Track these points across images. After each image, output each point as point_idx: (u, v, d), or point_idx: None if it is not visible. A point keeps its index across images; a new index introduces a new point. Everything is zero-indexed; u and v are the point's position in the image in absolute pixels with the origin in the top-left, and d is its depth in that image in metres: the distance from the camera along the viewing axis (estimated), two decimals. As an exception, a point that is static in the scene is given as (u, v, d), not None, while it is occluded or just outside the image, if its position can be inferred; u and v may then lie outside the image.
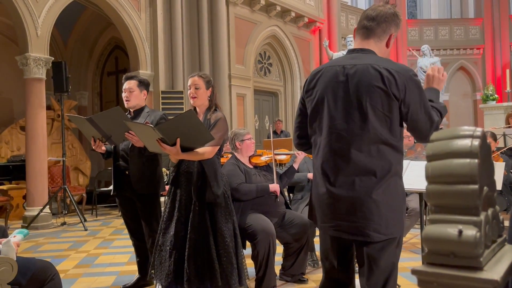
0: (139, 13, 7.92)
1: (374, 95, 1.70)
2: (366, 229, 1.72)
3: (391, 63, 1.74)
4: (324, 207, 1.81)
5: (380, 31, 1.80)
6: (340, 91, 1.77)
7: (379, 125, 1.71)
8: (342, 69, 1.78)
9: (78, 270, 4.14)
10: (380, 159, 1.72)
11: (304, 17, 10.82)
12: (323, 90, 1.81)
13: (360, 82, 1.72)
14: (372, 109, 1.70)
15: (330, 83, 1.79)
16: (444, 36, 14.80)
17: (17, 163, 7.51)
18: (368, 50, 1.80)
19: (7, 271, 2.08)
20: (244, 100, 9.38)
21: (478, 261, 0.87)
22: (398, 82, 1.69)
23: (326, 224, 1.83)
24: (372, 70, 1.71)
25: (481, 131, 0.95)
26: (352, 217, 1.73)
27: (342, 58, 1.84)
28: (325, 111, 1.80)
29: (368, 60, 1.75)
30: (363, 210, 1.71)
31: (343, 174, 1.75)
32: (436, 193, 0.94)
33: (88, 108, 10.56)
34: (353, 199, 1.72)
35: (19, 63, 6.51)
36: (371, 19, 1.79)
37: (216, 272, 2.58)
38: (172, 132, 2.42)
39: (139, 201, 3.29)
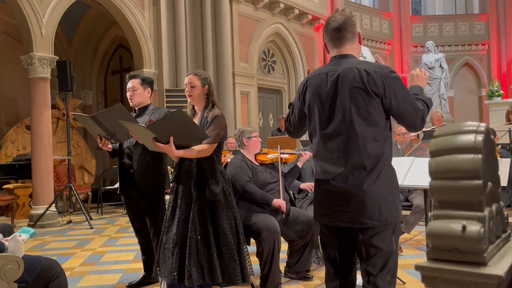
0: (143, 11, 7.93)
1: (356, 95, 1.87)
2: (360, 217, 1.86)
3: (369, 64, 1.93)
4: (323, 200, 1.98)
5: (350, 35, 1.98)
6: (326, 96, 1.94)
7: (364, 122, 1.87)
8: (325, 76, 1.96)
9: (84, 268, 4.17)
10: (369, 154, 1.87)
11: (307, 14, 10.78)
12: (311, 97, 1.99)
13: (342, 86, 1.90)
14: (356, 108, 1.87)
15: (317, 90, 1.97)
16: (448, 32, 14.70)
17: (23, 162, 7.55)
18: (347, 55, 1.97)
19: (14, 269, 2.10)
20: (248, 98, 9.37)
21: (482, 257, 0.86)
22: (376, 80, 1.85)
23: (324, 216, 1.98)
24: (352, 72, 1.88)
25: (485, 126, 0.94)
26: (347, 207, 1.89)
27: (325, 66, 2.02)
28: (316, 116, 1.98)
29: (348, 64, 1.92)
30: (357, 201, 1.86)
31: (337, 171, 1.90)
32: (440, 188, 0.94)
33: (93, 107, 10.59)
34: (347, 192, 1.88)
35: (24, 63, 6.54)
36: (338, 29, 1.97)
37: (217, 270, 2.59)
38: (164, 131, 2.43)
39: (144, 199, 3.30)
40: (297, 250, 3.49)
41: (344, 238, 1.99)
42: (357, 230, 1.92)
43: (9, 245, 2.21)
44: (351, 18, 1.98)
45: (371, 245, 1.89)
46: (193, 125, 2.46)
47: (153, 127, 2.43)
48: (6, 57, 8.92)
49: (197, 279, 2.58)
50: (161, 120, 2.52)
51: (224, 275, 2.62)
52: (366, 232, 1.89)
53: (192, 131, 2.45)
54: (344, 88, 1.89)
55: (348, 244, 1.99)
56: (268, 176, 3.44)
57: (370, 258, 1.89)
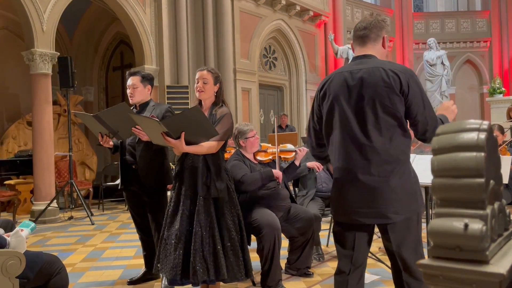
0: (144, 8, 7.92)
1: (382, 94, 1.90)
2: (386, 212, 1.90)
3: (394, 64, 1.97)
4: (345, 198, 1.99)
5: (374, 36, 2.04)
6: (350, 94, 1.97)
7: (389, 119, 1.91)
8: (349, 74, 1.98)
9: (85, 264, 4.18)
10: (393, 150, 1.91)
11: (309, 11, 10.76)
12: (334, 95, 2.01)
13: (367, 84, 1.93)
14: (381, 106, 1.90)
15: (340, 88, 1.99)
16: (450, 29, 14.66)
17: (24, 158, 7.57)
18: (370, 55, 2.02)
19: (15, 265, 2.10)
20: (249, 94, 9.37)
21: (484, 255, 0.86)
22: (402, 80, 1.89)
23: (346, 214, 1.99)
24: (377, 72, 1.92)
25: (488, 124, 0.94)
26: (373, 203, 1.92)
27: (348, 65, 2.06)
28: (339, 114, 1.99)
29: (372, 64, 1.96)
30: (383, 197, 1.90)
31: (362, 167, 1.93)
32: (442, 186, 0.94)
33: (94, 103, 10.60)
34: (372, 188, 1.91)
35: (25, 59, 6.54)
36: (363, 29, 2.04)
37: (222, 266, 2.60)
38: (177, 127, 2.45)
39: (146, 195, 3.31)
40: (297, 247, 3.49)
41: (363, 235, 2.03)
42: (383, 225, 1.96)
43: (11, 241, 2.22)
44: (379, 21, 2.06)
45: (401, 238, 1.93)
46: (206, 122, 2.47)
47: (168, 122, 2.46)
48: (7, 53, 8.91)
49: (202, 275, 2.59)
50: (177, 115, 2.54)
51: (228, 271, 2.63)
52: (394, 226, 1.93)
53: (204, 128, 2.48)
54: (369, 87, 1.92)
55: (366, 240, 2.04)
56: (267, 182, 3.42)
57: (401, 250, 1.94)
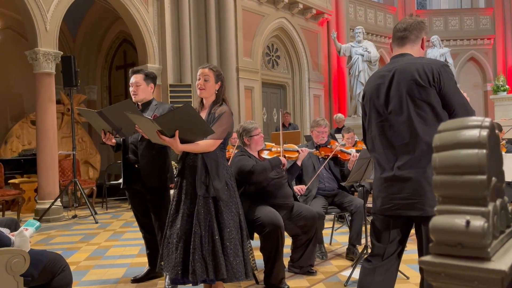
0: (146, 6, 7.93)
1: (413, 88, 1.97)
2: (423, 205, 1.94)
3: (425, 58, 2.07)
4: (383, 191, 2.05)
5: (414, 37, 2.11)
6: (383, 91, 2.06)
7: (421, 113, 1.97)
8: (385, 73, 2.08)
9: (89, 262, 4.20)
10: (427, 142, 1.95)
11: (312, 9, 10.74)
12: (370, 94, 2.13)
13: (398, 81, 2.01)
14: (411, 99, 1.97)
15: (375, 85, 2.11)
16: (454, 26, 14.59)
17: (28, 157, 7.60)
18: (405, 54, 2.10)
19: (20, 263, 2.11)
20: (252, 93, 9.36)
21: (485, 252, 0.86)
22: (434, 73, 1.96)
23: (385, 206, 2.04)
24: (408, 68, 2.00)
25: (490, 121, 0.94)
26: (412, 196, 1.96)
27: (385, 65, 2.18)
28: (374, 111, 2.10)
29: (404, 61, 2.05)
30: (418, 189, 1.94)
31: (396, 160, 2.00)
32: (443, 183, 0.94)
33: (97, 102, 10.63)
34: (408, 180, 1.96)
35: (28, 58, 6.57)
36: (403, 30, 2.11)
37: (221, 265, 2.59)
38: (170, 125, 2.43)
39: (149, 194, 3.32)
40: (301, 245, 3.49)
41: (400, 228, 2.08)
42: (419, 218, 1.99)
43: (15, 240, 2.23)
44: (420, 22, 2.13)
45: None
46: (199, 120, 2.45)
47: (160, 120, 2.43)
48: (11, 53, 8.94)
49: (201, 275, 2.58)
50: (168, 113, 2.52)
51: (228, 271, 2.62)
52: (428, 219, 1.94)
53: (198, 126, 2.45)
54: (400, 83, 1.99)
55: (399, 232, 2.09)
56: (272, 172, 3.43)
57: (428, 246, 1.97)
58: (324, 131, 4.16)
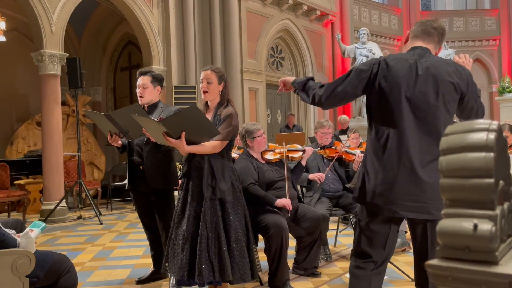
0: (151, 8, 7.95)
1: (446, 87, 1.92)
2: (431, 208, 1.89)
3: (454, 62, 2.03)
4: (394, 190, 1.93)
5: (437, 39, 2.06)
6: (414, 83, 1.93)
7: (447, 115, 1.94)
8: (414, 63, 1.96)
9: (94, 263, 4.21)
10: None
11: (316, 10, 10.74)
12: (396, 82, 1.94)
13: (433, 75, 1.93)
14: (443, 100, 1.93)
15: (404, 73, 1.94)
16: (459, 27, 14.55)
17: (34, 158, 7.64)
18: (430, 51, 2.02)
19: (26, 264, 2.12)
20: (256, 94, 9.37)
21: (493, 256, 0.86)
22: (464, 77, 1.95)
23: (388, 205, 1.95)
24: (444, 66, 1.94)
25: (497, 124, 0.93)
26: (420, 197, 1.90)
27: (407, 53, 2.02)
28: (399, 102, 1.94)
29: (436, 58, 1.99)
30: (432, 191, 1.88)
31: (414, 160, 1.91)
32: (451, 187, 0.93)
33: (102, 103, 10.66)
34: (424, 182, 1.88)
35: (34, 60, 6.60)
36: (434, 28, 2.05)
37: (227, 267, 2.59)
38: (177, 126, 2.43)
39: (153, 196, 3.32)
40: (305, 247, 3.49)
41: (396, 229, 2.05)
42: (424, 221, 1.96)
43: (21, 241, 2.24)
44: (445, 30, 2.10)
45: None
46: (206, 121, 2.45)
47: (166, 122, 2.43)
48: (16, 54, 9.00)
49: (207, 276, 2.58)
50: (175, 115, 2.52)
51: (234, 272, 2.62)
52: (434, 224, 1.91)
53: (204, 128, 2.45)
54: (435, 79, 1.92)
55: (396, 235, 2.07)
56: (274, 174, 3.43)
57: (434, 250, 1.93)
58: (328, 132, 4.16)
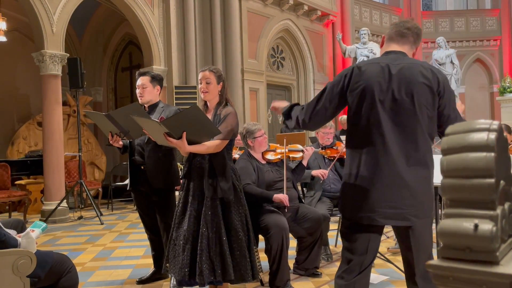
0: (152, 8, 7.96)
1: (422, 90, 1.87)
2: (409, 215, 1.86)
3: (430, 64, 1.97)
4: (369, 196, 1.89)
5: (412, 40, 2.01)
6: (387, 86, 1.89)
7: (423, 118, 1.88)
8: (386, 66, 1.91)
9: (95, 263, 4.21)
10: (424, 150, 1.88)
11: (317, 10, 10.73)
12: (368, 87, 1.90)
13: (406, 78, 1.88)
14: (419, 104, 1.87)
15: (376, 79, 1.89)
16: (460, 27, 14.52)
17: (35, 158, 7.64)
18: (405, 54, 1.97)
19: (26, 264, 2.13)
20: (257, 94, 9.36)
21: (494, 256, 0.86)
22: (440, 80, 1.89)
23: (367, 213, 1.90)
24: (418, 68, 1.89)
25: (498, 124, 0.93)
26: (398, 204, 1.86)
27: (381, 58, 1.98)
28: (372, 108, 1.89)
29: (411, 60, 1.94)
30: (410, 197, 1.85)
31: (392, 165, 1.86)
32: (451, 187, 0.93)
33: (103, 103, 10.67)
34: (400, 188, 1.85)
35: (35, 60, 6.61)
36: (407, 28, 1.99)
37: (229, 266, 2.59)
38: (178, 127, 2.43)
39: (154, 195, 3.33)
40: (306, 247, 3.49)
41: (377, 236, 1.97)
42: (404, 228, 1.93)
43: (22, 241, 2.25)
44: (420, 29, 2.04)
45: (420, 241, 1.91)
46: (207, 121, 2.45)
47: (167, 122, 2.43)
48: (17, 54, 9.01)
49: (208, 276, 2.59)
50: (176, 115, 2.52)
51: (235, 272, 2.62)
52: (413, 230, 1.90)
53: (205, 127, 2.45)
54: (409, 82, 1.87)
55: (378, 242, 2.01)
56: (274, 175, 3.43)
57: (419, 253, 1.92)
58: (329, 132, 4.16)
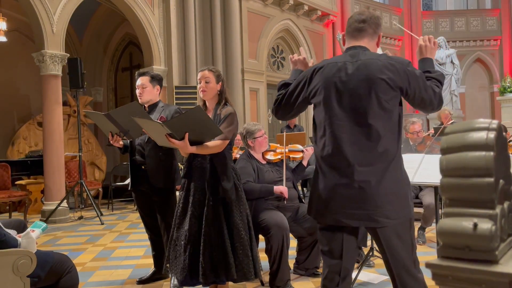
0: (152, 9, 7.96)
1: (379, 87, 1.80)
2: (375, 215, 1.81)
3: (389, 57, 1.88)
4: (331, 199, 1.86)
5: (372, 32, 1.95)
6: (344, 85, 1.85)
7: (384, 115, 1.81)
8: (343, 64, 1.86)
9: (95, 263, 4.21)
10: (385, 148, 1.81)
11: (317, 10, 10.73)
12: (326, 86, 1.88)
13: (364, 75, 1.82)
14: (377, 99, 1.80)
15: (333, 78, 1.86)
16: (460, 27, 14.52)
17: (35, 159, 7.65)
18: (365, 48, 1.91)
19: (27, 264, 2.13)
20: (257, 94, 9.36)
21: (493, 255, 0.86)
22: (400, 73, 1.81)
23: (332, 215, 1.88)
24: (375, 63, 1.82)
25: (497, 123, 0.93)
26: (363, 206, 1.81)
27: (341, 56, 1.94)
28: (330, 108, 1.87)
29: (369, 56, 1.86)
30: (373, 199, 1.80)
31: (352, 165, 1.82)
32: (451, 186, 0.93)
33: (103, 103, 10.67)
34: (362, 188, 1.80)
35: (35, 60, 6.61)
36: (362, 21, 1.93)
37: (231, 266, 2.59)
38: (180, 128, 2.44)
39: (155, 195, 3.33)
40: (306, 247, 3.49)
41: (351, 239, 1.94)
42: (373, 229, 1.88)
43: (22, 241, 2.25)
44: (377, 17, 1.97)
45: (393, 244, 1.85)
46: (209, 121, 2.45)
47: (170, 123, 2.43)
48: (18, 55, 9.01)
49: (211, 276, 2.59)
50: (179, 116, 2.53)
51: (238, 271, 2.62)
52: (384, 231, 1.85)
53: (208, 128, 2.45)
54: (366, 79, 1.80)
55: (354, 246, 1.95)
56: (274, 175, 3.43)
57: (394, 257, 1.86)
58: None
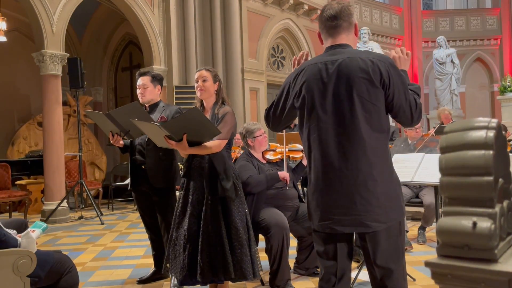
0: (152, 8, 7.96)
1: (361, 86, 1.74)
2: (366, 220, 1.74)
3: (371, 53, 1.82)
4: (321, 204, 1.82)
5: (347, 25, 1.86)
6: (325, 88, 1.80)
7: (367, 115, 1.75)
8: (324, 65, 1.81)
9: (95, 263, 4.21)
10: (372, 149, 1.75)
11: (317, 10, 10.72)
12: (307, 89, 1.84)
13: (345, 75, 1.76)
14: (360, 99, 1.74)
15: (314, 80, 1.82)
16: (460, 27, 14.51)
17: (35, 158, 7.65)
18: (345, 45, 1.85)
19: (27, 264, 2.13)
20: (257, 94, 9.36)
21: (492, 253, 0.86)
22: (382, 70, 1.74)
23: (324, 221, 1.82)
24: (355, 62, 1.76)
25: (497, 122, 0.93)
26: (351, 210, 1.75)
27: (321, 56, 1.88)
28: (313, 110, 1.83)
29: (348, 54, 1.79)
30: (361, 203, 1.74)
31: (338, 169, 1.77)
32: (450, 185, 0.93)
33: (103, 103, 10.68)
34: (350, 192, 1.75)
35: (35, 60, 6.61)
36: (334, 18, 1.84)
37: (229, 265, 2.59)
38: (178, 129, 2.44)
39: (155, 195, 3.33)
40: (306, 247, 3.49)
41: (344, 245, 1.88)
42: (362, 234, 1.82)
43: (22, 241, 2.25)
44: (348, 7, 1.86)
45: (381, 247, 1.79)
46: (207, 122, 2.46)
47: (168, 125, 2.44)
48: (18, 54, 9.01)
49: (209, 275, 2.59)
50: (177, 118, 2.54)
51: (237, 270, 2.62)
52: (373, 236, 1.78)
53: (206, 128, 2.46)
54: (347, 78, 1.75)
55: (347, 250, 1.89)
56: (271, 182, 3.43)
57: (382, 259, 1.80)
58: None
